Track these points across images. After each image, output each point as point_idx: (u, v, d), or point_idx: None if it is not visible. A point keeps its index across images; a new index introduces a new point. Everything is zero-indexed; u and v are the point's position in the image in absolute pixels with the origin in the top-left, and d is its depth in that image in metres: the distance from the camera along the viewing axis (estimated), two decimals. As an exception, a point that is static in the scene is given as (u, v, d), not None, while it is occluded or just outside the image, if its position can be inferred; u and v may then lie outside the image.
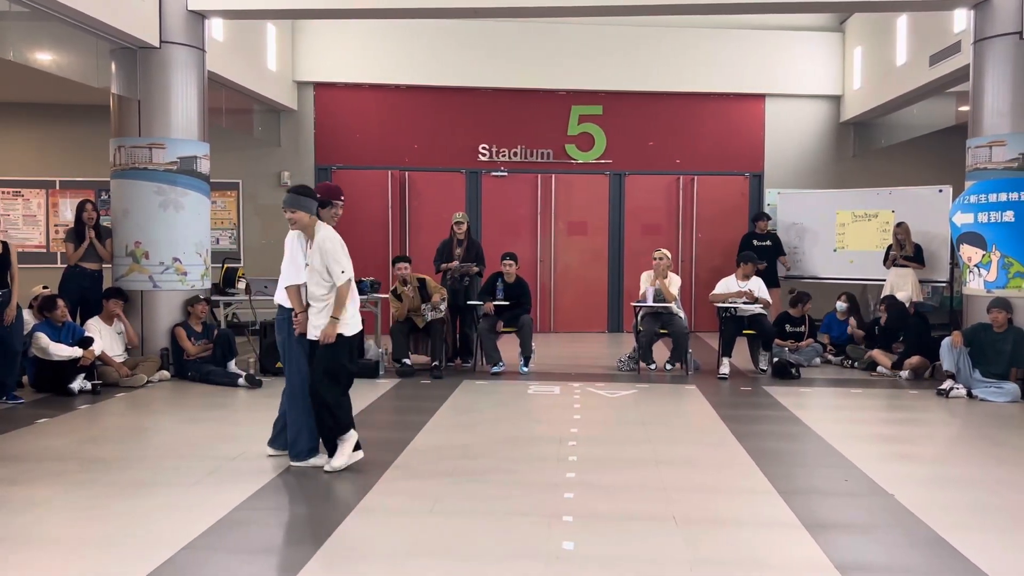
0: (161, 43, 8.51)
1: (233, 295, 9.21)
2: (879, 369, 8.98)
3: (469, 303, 9.18)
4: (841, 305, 10.01)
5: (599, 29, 12.51)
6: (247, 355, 9.14)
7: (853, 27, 12.53)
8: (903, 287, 9.76)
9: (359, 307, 5.39)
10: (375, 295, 9.02)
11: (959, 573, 3.65)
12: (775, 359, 8.91)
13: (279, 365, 7.33)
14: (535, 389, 8.02)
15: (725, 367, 8.72)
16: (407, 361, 8.68)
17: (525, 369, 8.92)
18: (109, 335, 8.15)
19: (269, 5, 8.91)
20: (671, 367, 9.15)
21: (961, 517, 4.37)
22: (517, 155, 12.84)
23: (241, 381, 7.96)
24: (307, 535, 4.09)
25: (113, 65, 8.65)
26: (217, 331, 8.54)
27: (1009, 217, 7.96)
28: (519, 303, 9.02)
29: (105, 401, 7.31)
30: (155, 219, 8.55)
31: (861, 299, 10.96)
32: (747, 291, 9.10)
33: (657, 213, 13.05)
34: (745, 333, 9.08)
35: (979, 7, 8.22)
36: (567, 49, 12.53)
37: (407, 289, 8.79)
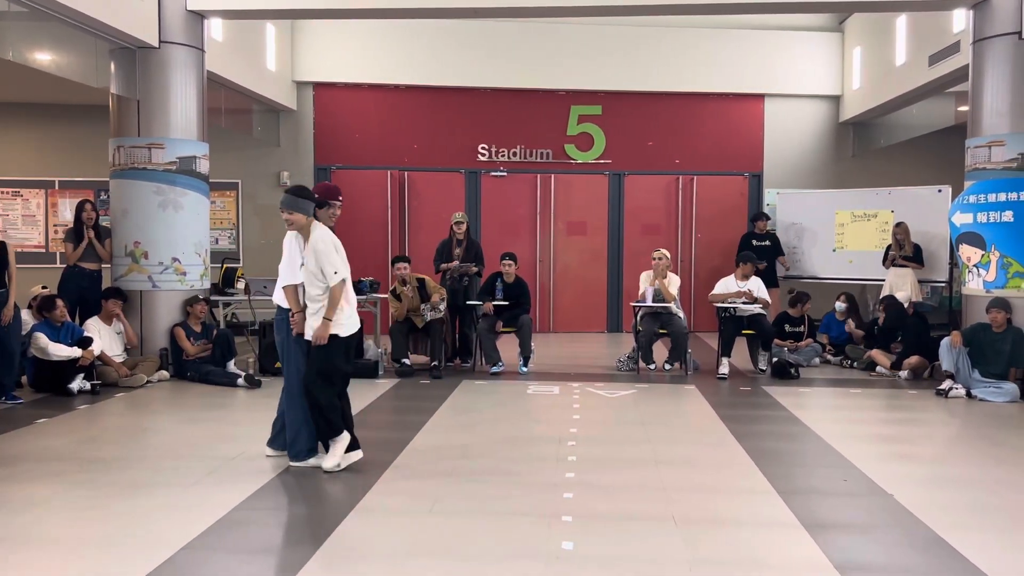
0: (160, 43, 8.51)
1: (232, 295, 9.21)
2: (878, 369, 8.98)
3: (468, 303, 9.18)
4: (840, 305, 10.01)
5: (598, 29, 12.51)
6: (246, 355, 9.15)
7: (852, 27, 12.54)
8: (902, 287, 9.75)
9: (357, 307, 5.39)
10: (374, 295, 9.02)
11: (958, 573, 3.65)
12: (774, 359, 8.91)
13: (278, 365, 7.32)
14: (534, 389, 8.02)
15: (724, 367, 8.72)
16: (406, 361, 8.68)
17: (524, 369, 8.93)
18: (108, 335, 8.15)
19: (268, 5, 8.90)
20: (670, 367, 9.16)
21: (960, 517, 4.37)
22: (516, 155, 12.84)
23: (240, 381, 7.96)
24: (306, 535, 4.09)
25: (112, 65, 8.65)
26: (216, 331, 8.54)
27: (1008, 217, 7.96)
28: (518, 303, 9.03)
29: (104, 401, 7.31)
30: (154, 219, 8.55)
31: (860, 299, 10.97)
32: (746, 291, 9.10)
33: (656, 213, 13.05)
34: (744, 333, 9.08)
35: (978, 7, 8.22)
36: (566, 49, 12.53)
37: (406, 289, 8.79)
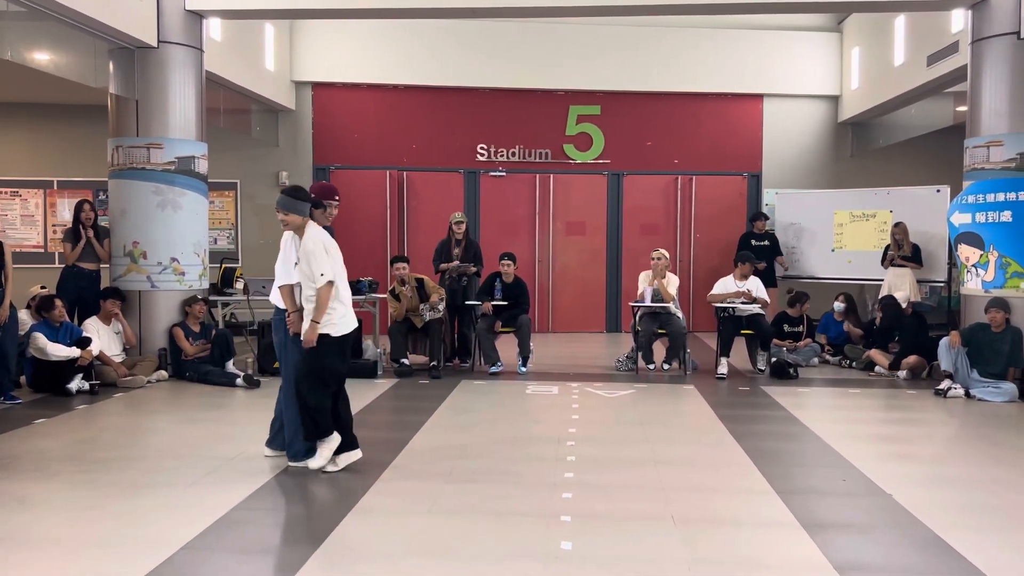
0: (159, 43, 8.50)
1: (231, 295, 9.21)
2: (877, 369, 8.99)
3: (467, 303, 9.18)
4: (839, 306, 10.02)
5: (597, 29, 12.52)
6: (245, 355, 9.14)
7: (851, 27, 12.54)
8: (901, 287, 9.75)
9: (356, 307, 5.37)
10: (373, 295, 9.01)
11: (957, 573, 3.65)
12: (773, 359, 8.91)
13: (276, 365, 7.30)
14: (533, 389, 8.02)
15: (723, 367, 8.72)
16: (405, 361, 8.68)
17: (523, 369, 8.93)
18: (107, 335, 8.15)
19: (267, 5, 8.89)
20: (668, 367, 9.16)
21: (959, 517, 4.38)
22: (515, 155, 12.84)
23: (239, 381, 7.96)
24: (305, 535, 4.09)
25: (111, 65, 8.64)
26: (215, 331, 8.54)
27: (1007, 217, 7.97)
28: (517, 303, 9.03)
29: (103, 401, 7.30)
30: (153, 219, 8.55)
31: (859, 299, 10.98)
32: (745, 291, 9.10)
33: (655, 213, 13.05)
34: (743, 333, 9.08)
35: (977, 7, 8.23)
36: (565, 49, 12.53)
37: (405, 289, 8.79)
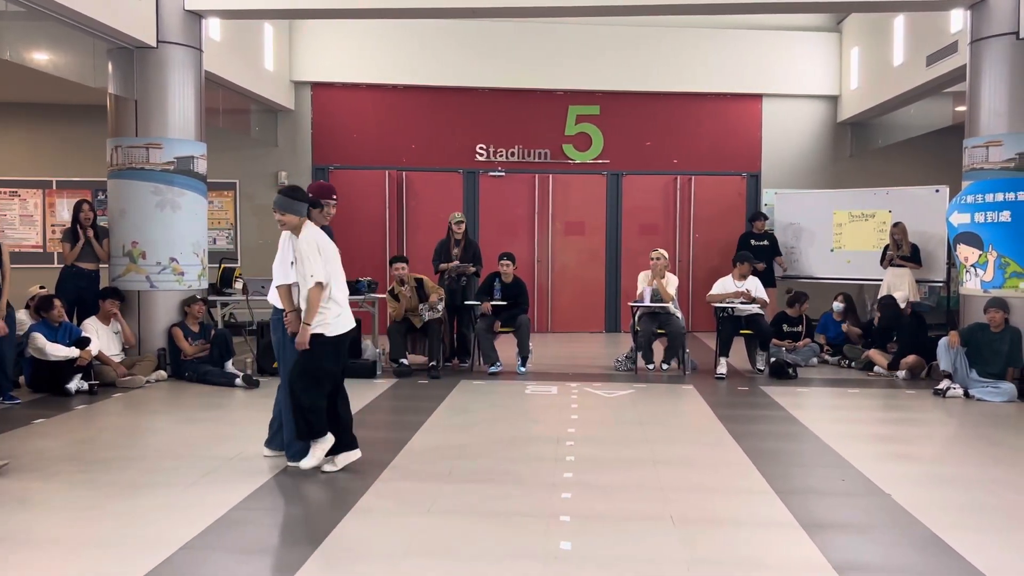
0: (158, 43, 8.50)
1: (230, 295, 9.21)
2: (876, 369, 8.99)
3: (466, 303, 9.18)
4: (838, 306, 10.02)
5: (596, 29, 12.52)
6: (244, 355, 9.14)
7: (850, 27, 12.55)
8: (900, 287, 9.75)
9: (355, 307, 5.36)
10: (372, 295, 9.01)
11: (956, 573, 3.65)
12: (772, 359, 8.92)
13: (276, 365, 7.32)
14: (532, 389, 8.02)
15: (722, 367, 8.72)
16: (404, 361, 8.68)
17: (522, 369, 8.93)
18: (106, 335, 8.14)
19: (266, 5, 8.89)
20: (667, 367, 9.16)
21: (958, 517, 4.38)
22: (514, 155, 12.84)
23: (238, 381, 7.96)
24: (304, 535, 4.08)
25: (110, 65, 8.64)
26: (214, 331, 8.53)
27: (1006, 217, 7.97)
28: (516, 303, 9.03)
29: (102, 401, 7.30)
30: (152, 219, 8.54)
31: (858, 299, 10.98)
32: (744, 291, 9.10)
33: (654, 213, 13.05)
34: (742, 333, 9.08)
35: (976, 7, 8.23)
36: (564, 49, 12.53)
37: (404, 289, 8.79)
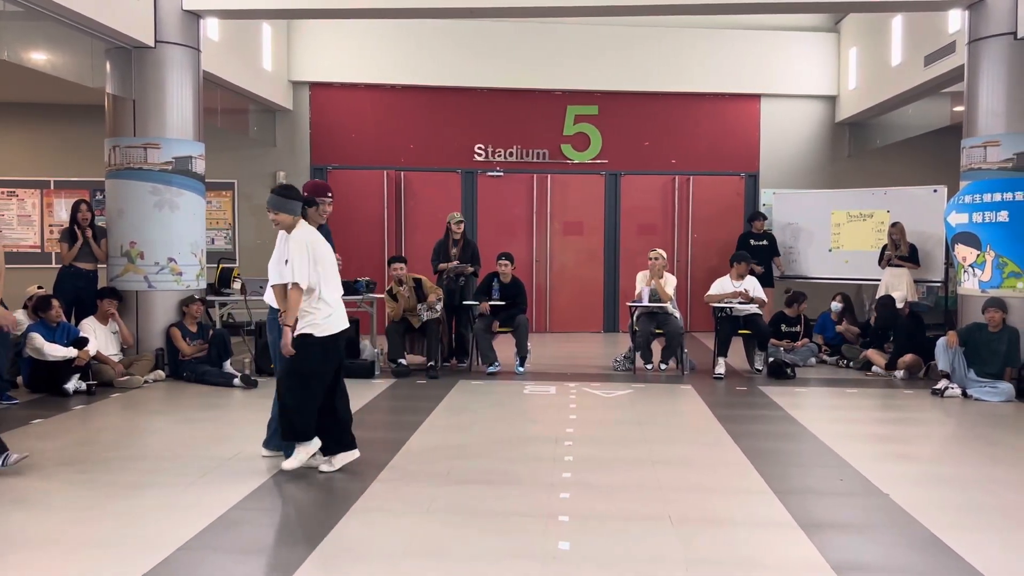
0: (156, 43, 8.50)
1: (228, 295, 9.20)
2: (874, 369, 9.00)
3: (465, 303, 9.18)
4: (836, 306, 10.02)
5: (595, 29, 12.52)
6: (242, 355, 9.13)
7: (848, 27, 12.55)
8: (898, 287, 9.76)
9: (354, 308, 5.36)
10: (371, 295, 9.00)
11: (954, 572, 3.66)
12: (771, 359, 8.92)
13: (273, 366, 7.33)
14: (531, 389, 8.02)
15: (721, 367, 8.73)
16: (403, 361, 8.68)
17: (521, 369, 8.93)
18: (104, 335, 8.13)
19: (264, 5, 8.89)
20: (665, 367, 9.16)
21: (956, 516, 4.38)
22: (513, 155, 12.84)
23: (236, 381, 7.95)
24: (302, 535, 4.08)
25: (108, 65, 8.63)
26: (212, 331, 8.53)
27: (1004, 217, 7.98)
28: (515, 303, 9.02)
29: (100, 401, 7.29)
30: (150, 219, 8.54)
31: (856, 299, 10.98)
32: (742, 291, 9.10)
33: (653, 213, 13.06)
34: (741, 333, 9.09)
35: (973, 7, 8.24)
36: (563, 49, 12.53)
37: (403, 289, 8.79)
